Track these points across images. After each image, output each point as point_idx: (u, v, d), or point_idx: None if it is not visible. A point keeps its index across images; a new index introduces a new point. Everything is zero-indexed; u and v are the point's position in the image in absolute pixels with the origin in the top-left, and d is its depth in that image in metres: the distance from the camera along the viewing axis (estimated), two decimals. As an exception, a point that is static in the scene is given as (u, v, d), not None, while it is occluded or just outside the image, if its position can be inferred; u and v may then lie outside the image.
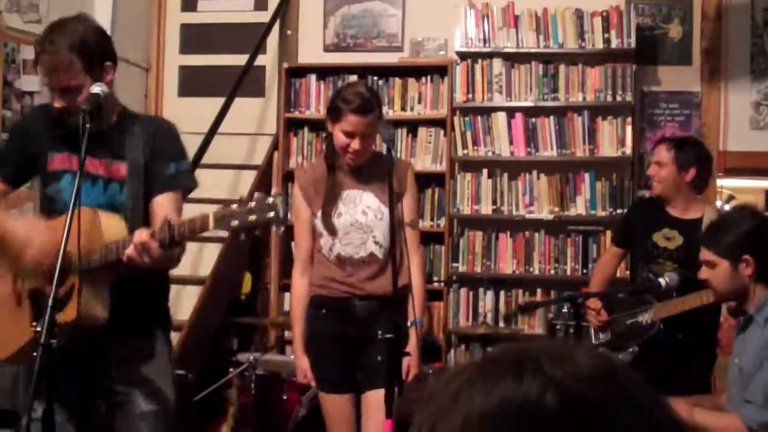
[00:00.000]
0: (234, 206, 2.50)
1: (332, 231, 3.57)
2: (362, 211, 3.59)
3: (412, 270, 3.64)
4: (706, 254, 3.16)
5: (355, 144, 3.48)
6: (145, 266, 2.66)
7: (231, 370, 4.77)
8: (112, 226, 2.79)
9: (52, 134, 2.96)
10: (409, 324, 3.58)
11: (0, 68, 5.17)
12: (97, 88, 2.80)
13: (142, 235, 2.61)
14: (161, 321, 3.13)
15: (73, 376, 2.88)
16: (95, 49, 2.86)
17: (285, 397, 4.54)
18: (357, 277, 3.58)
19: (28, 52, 5.42)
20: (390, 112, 6.04)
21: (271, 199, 2.45)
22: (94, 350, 2.90)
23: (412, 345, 3.54)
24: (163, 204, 2.89)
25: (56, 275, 2.48)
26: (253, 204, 2.46)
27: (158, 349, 3.04)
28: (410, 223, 3.67)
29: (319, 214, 3.59)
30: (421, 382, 3.71)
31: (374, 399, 3.38)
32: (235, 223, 2.48)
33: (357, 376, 3.61)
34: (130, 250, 2.63)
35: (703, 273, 3.20)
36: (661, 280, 3.84)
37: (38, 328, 2.48)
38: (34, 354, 2.43)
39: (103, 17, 6.11)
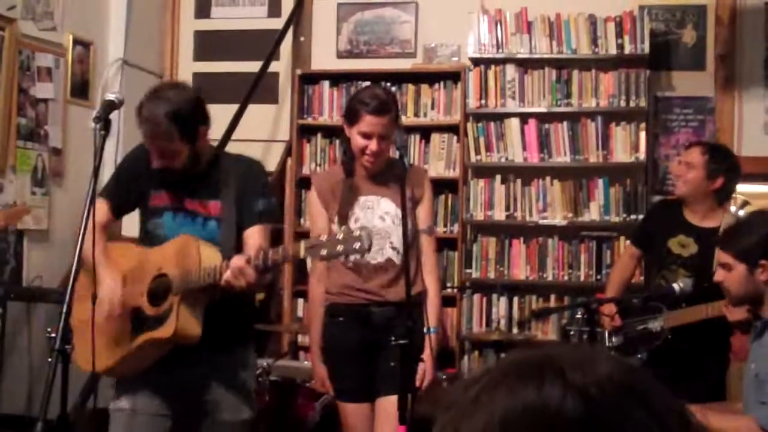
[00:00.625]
0: (323, 237, 2.77)
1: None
2: (380, 217, 3.58)
3: (427, 277, 3.66)
4: (722, 257, 3.16)
5: (373, 145, 3.47)
6: (241, 290, 2.90)
7: (245, 376, 4.76)
8: (210, 255, 3.03)
9: (157, 172, 3.17)
10: (425, 331, 3.57)
11: (15, 76, 5.20)
12: (111, 96, 2.95)
13: (239, 260, 2.86)
14: (246, 339, 3.33)
15: (165, 386, 3.13)
16: (190, 117, 3.06)
17: (299, 403, 4.54)
18: (375, 283, 3.57)
19: (43, 60, 5.45)
20: (403, 118, 6.03)
21: (357, 232, 2.69)
22: (186, 364, 3.11)
23: (427, 352, 3.53)
24: (253, 236, 3.14)
25: (69, 288, 2.51)
26: (341, 236, 2.70)
27: (242, 364, 3.26)
28: (426, 230, 3.67)
29: (335, 219, 3.59)
30: (436, 389, 3.70)
31: (388, 405, 3.37)
32: (324, 252, 2.73)
33: (376, 384, 3.59)
34: (227, 275, 2.87)
35: (719, 275, 3.20)
36: (675, 286, 3.83)
37: (53, 334, 2.53)
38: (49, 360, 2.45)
39: (117, 25, 6.16)
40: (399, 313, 3.44)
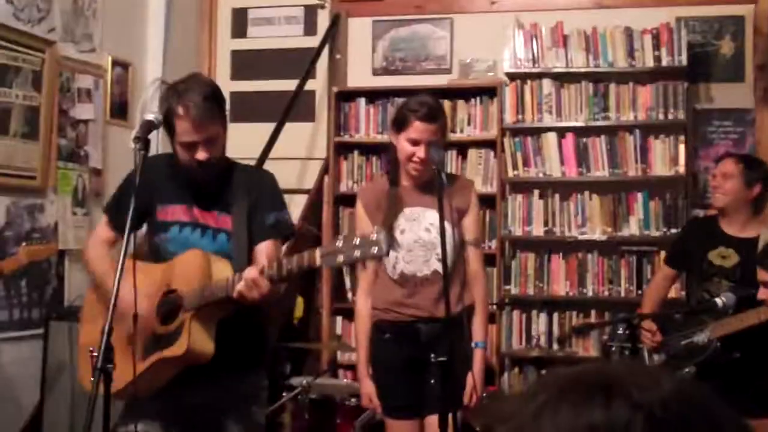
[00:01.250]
0: (339, 243, 2.62)
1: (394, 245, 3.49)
2: (425, 228, 3.54)
3: (474, 291, 3.61)
4: (763, 275, 3.12)
5: (420, 152, 3.45)
6: (254, 302, 2.84)
7: (284, 394, 4.77)
8: (221, 268, 2.97)
9: (165, 185, 3.14)
10: (472, 345, 3.54)
11: (55, 97, 5.26)
12: (150, 116, 2.95)
13: (252, 271, 2.79)
14: (257, 363, 3.25)
15: (173, 410, 3.06)
16: (222, 97, 3.09)
17: (338, 422, 4.53)
18: (421, 297, 3.52)
19: (82, 81, 5.51)
20: (440, 135, 6.04)
21: (374, 236, 2.55)
22: (194, 387, 3.03)
23: (476, 368, 3.50)
24: (264, 251, 3.07)
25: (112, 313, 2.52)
26: (357, 240, 2.57)
27: (252, 394, 3.18)
28: (473, 242, 3.62)
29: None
30: (486, 404, 3.66)
31: (432, 423, 3.31)
32: (340, 258, 2.60)
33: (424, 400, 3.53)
34: (240, 286, 2.80)
35: (762, 293, 3.16)
36: (718, 301, 3.77)
37: (94, 353, 2.53)
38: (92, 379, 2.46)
39: (154, 45, 6.22)
40: (445, 330, 3.36)
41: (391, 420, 3.61)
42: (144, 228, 3.27)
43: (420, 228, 3.54)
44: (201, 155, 3.01)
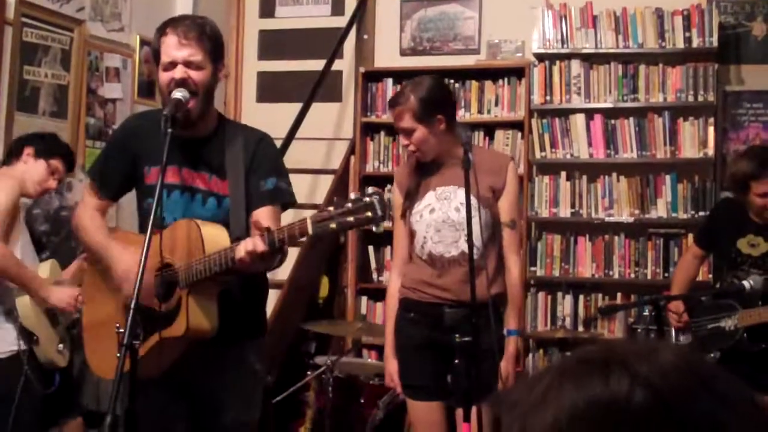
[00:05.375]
0: (331, 208, 2.46)
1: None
2: (455, 208, 3.47)
3: (509, 276, 3.53)
4: None
5: (404, 140, 3.51)
6: (252, 271, 2.72)
7: (309, 372, 4.80)
8: (214, 235, 2.80)
9: (152, 146, 2.89)
10: (504, 333, 3.48)
11: (84, 76, 5.29)
12: (178, 94, 2.81)
13: (251, 242, 2.61)
14: (255, 333, 3.12)
15: (169, 383, 2.95)
16: (217, 33, 2.97)
17: (362, 401, 4.55)
18: (450, 279, 3.45)
19: (111, 60, 5.54)
20: (467, 115, 6.02)
21: (367, 199, 2.42)
22: (190, 358, 2.91)
23: (508, 354, 3.44)
24: (261, 218, 2.86)
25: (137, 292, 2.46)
26: (349, 205, 2.43)
27: (250, 362, 3.06)
28: (509, 223, 3.53)
29: (410, 208, 3.53)
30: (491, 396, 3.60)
31: (459, 409, 3.23)
32: (333, 225, 2.44)
33: (447, 384, 3.41)
34: (241, 254, 2.62)
35: None
36: (745, 283, 3.75)
37: (120, 330, 2.51)
38: (118, 355, 2.46)
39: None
40: (473, 315, 3.31)
41: (410, 400, 3.59)
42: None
43: (450, 207, 3.48)
44: (179, 73, 2.84)
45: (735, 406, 0.80)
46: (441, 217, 3.48)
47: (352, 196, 2.46)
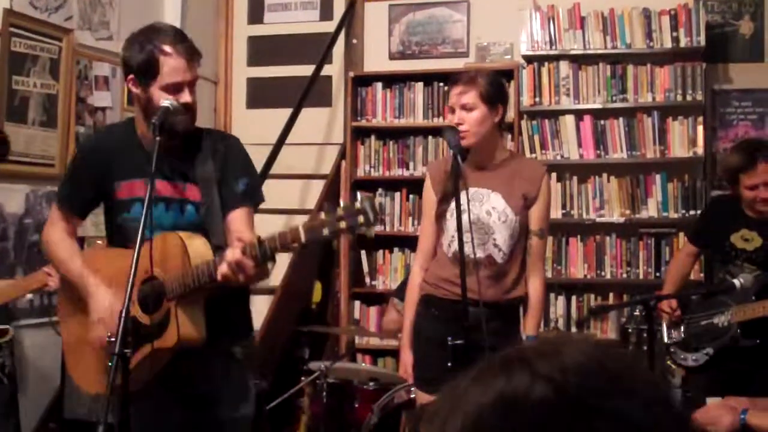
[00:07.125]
0: (322, 215, 2.45)
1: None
2: (486, 211, 3.48)
3: (531, 283, 3.54)
4: None
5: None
6: (239, 284, 2.67)
7: (303, 378, 4.79)
8: (198, 246, 2.80)
9: (122, 161, 2.92)
10: (523, 338, 3.48)
11: (73, 85, 5.29)
12: (166, 102, 2.80)
13: (235, 253, 2.58)
14: (241, 333, 3.11)
15: (161, 381, 2.93)
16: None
17: (357, 405, 4.55)
18: (472, 280, 3.37)
19: (100, 69, 5.54)
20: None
21: (358, 204, 2.41)
22: (180, 358, 2.90)
23: None
24: (236, 220, 2.88)
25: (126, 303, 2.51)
26: (341, 211, 2.42)
27: (238, 358, 3.05)
28: (538, 232, 3.56)
29: (443, 208, 3.52)
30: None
31: None
32: (325, 231, 2.43)
33: None
34: (224, 269, 2.60)
35: None
36: (736, 281, 3.76)
37: (112, 339, 2.51)
38: (110, 364, 2.46)
39: (171, 32, 6.22)
40: (494, 316, 3.34)
41: (420, 393, 3.60)
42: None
43: (481, 210, 3.48)
44: (187, 97, 2.84)
45: (646, 402, 0.81)
46: (471, 218, 3.42)
47: (342, 203, 2.46)
